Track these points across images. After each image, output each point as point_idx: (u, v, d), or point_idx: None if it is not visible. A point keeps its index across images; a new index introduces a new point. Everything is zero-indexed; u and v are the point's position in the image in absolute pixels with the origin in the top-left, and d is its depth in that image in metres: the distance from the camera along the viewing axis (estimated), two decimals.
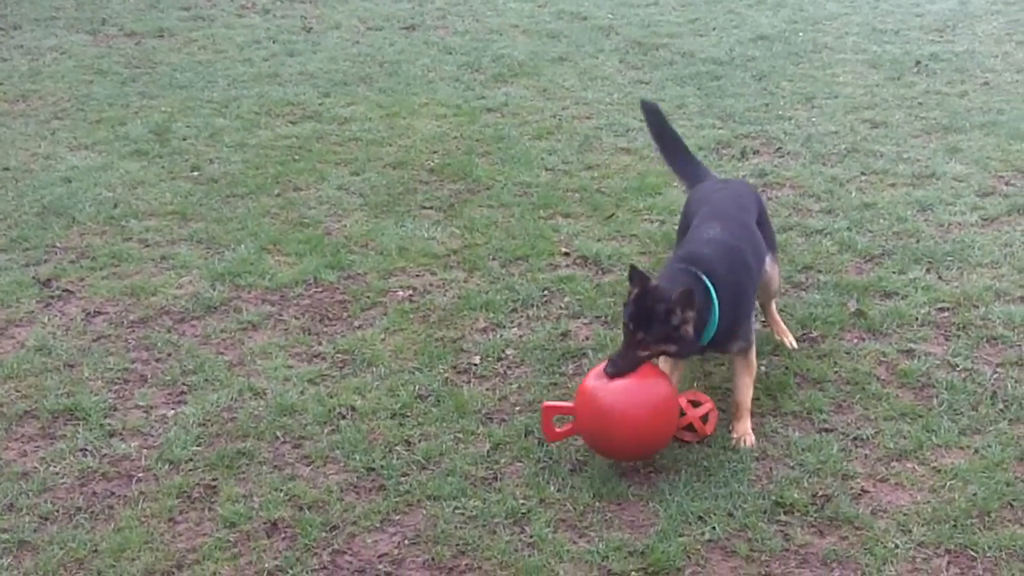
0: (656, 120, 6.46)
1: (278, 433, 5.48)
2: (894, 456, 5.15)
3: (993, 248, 7.03)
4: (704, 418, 5.23)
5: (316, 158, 9.05)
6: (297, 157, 9.09)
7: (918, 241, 7.17)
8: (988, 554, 4.51)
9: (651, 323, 4.94)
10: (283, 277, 7.03)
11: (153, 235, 7.71)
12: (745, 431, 5.31)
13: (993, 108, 9.64)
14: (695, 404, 5.25)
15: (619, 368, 4.97)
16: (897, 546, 4.58)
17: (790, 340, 6.07)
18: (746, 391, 5.35)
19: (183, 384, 5.94)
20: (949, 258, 6.91)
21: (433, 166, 8.84)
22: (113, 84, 10.89)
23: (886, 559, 4.51)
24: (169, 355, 6.22)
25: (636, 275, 5.03)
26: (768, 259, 5.79)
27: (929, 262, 6.89)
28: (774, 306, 6.17)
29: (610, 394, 4.97)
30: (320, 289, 6.92)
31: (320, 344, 6.29)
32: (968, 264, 6.84)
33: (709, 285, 5.09)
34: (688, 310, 4.94)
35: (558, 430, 5.14)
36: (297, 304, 6.75)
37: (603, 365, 5.05)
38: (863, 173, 8.36)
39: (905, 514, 4.76)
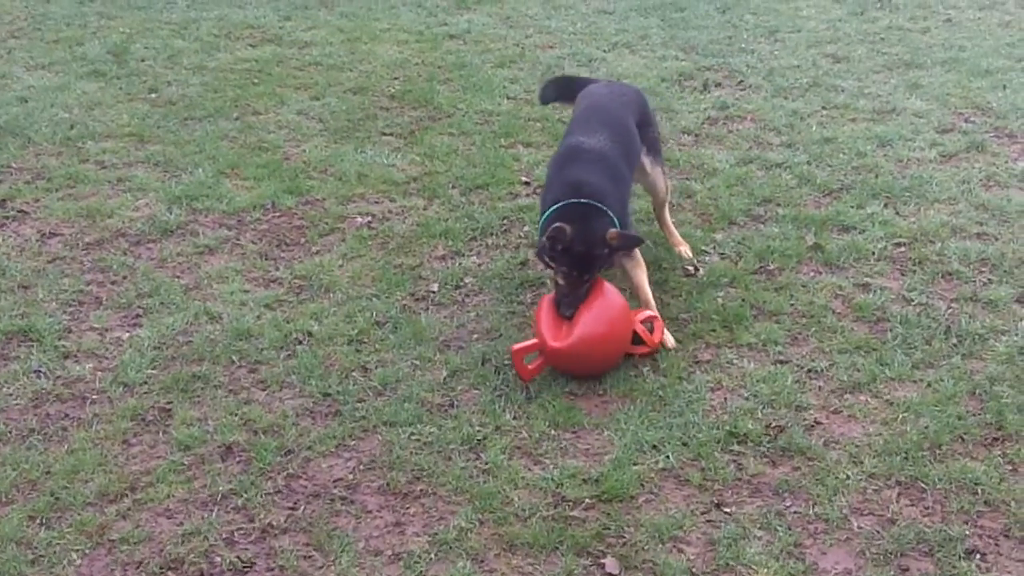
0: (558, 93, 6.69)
1: (234, 357, 5.43)
2: (847, 388, 5.15)
3: (951, 184, 7.02)
4: (649, 326, 5.26)
5: (276, 82, 8.92)
6: (256, 81, 8.95)
7: (877, 176, 7.16)
8: (938, 486, 4.52)
9: (592, 265, 5.19)
10: (240, 201, 6.94)
11: (110, 157, 7.59)
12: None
13: (955, 45, 9.61)
14: (645, 323, 5.28)
15: (574, 307, 5.16)
16: (848, 477, 4.59)
17: (686, 250, 6.22)
18: (645, 286, 5.54)
19: (138, 307, 5.86)
20: (907, 193, 6.90)
21: (394, 92, 8.73)
22: (71, 3, 10.67)
23: (837, 489, 4.52)
24: (125, 278, 6.13)
25: (558, 230, 5.16)
26: (648, 161, 6.01)
27: (887, 197, 6.87)
28: (667, 214, 6.31)
29: (580, 325, 5.13)
30: (278, 214, 6.83)
31: (277, 269, 6.22)
32: (926, 200, 6.83)
33: (610, 214, 5.27)
34: (624, 249, 5.34)
35: (530, 366, 5.13)
36: (254, 229, 6.67)
37: (552, 298, 5.23)
38: (824, 107, 8.33)
39: (857, 446, 4.77)
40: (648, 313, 5.40)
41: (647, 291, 5.55)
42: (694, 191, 7.02)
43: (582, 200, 5.27)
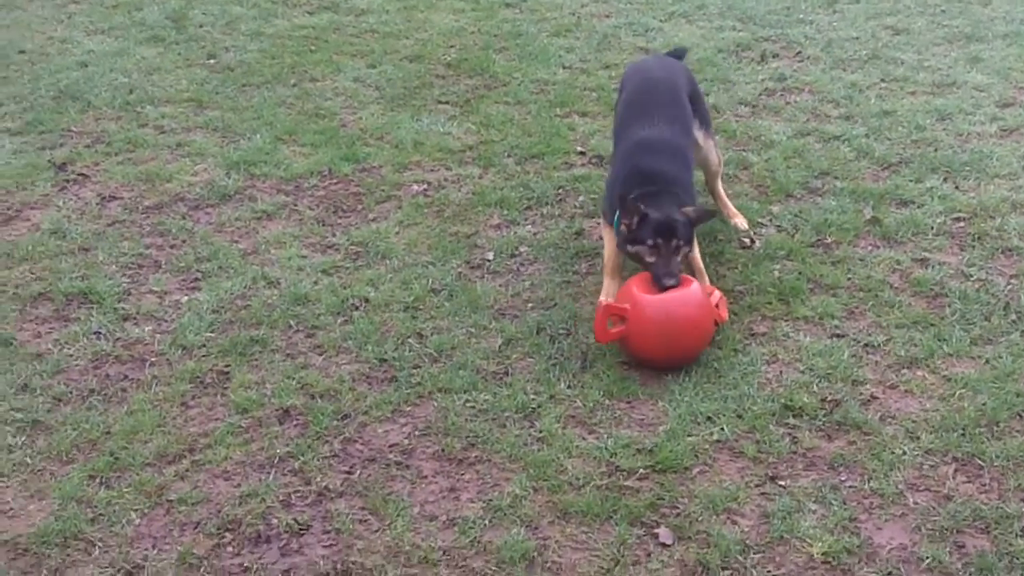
0: None
1: (291, 322, 5.46)
2: (904, 364, 5.11)
3: (1011, 159, 6.92)
4: (716, 305, 5.23)
5: (332, 49, 8.92)
6: (313, 48, 8.96)
7: (936, 150, 7.06)
8: (996, 463, 4.48)
9: (676, 230, 5.14)
10: (298, 168, 6.97)
11: (168, 122, 7.63)
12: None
13: (1016, 18, 9.45)
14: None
15: (676, 276, 5.10)
16: (904, 452, 4.56)
17: (741, 222, 6.19)
18: (699, 260, 5.53)
19: (197, 271, 5.90)
20: (967, 168, 6.81)
21: (450, 61, 8.70)
22: None
23: (893, 464, 4.49)
24: (183, 242, 6.18)
25: (634, 206, 5.18)
26: (701, 135, 5.97)
27: (946, 171, 6.79)
28: (720, 185, 6.28)
29: (675, 303, 5.06)
30: (335, 181, 6.85)
31: (334, 235, 6.24)
32: (985, 174, 6.74)
33: (681, 196, 5.31)
34: (700, 221, 5.35)
35: (611, 331, 5.09)
36: (312, 195, 6.69)
37: (644, 277, 5.16)
38: (883, 80, 8.22)
39: (914, 421, 4.73)
40: (708, 288, 5.34)
41: (700, 263, 5.51)
42: (751, 163, 6.96)
43: (667, 190, 5.30)
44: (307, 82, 8.30)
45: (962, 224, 6.22)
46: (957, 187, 6.62)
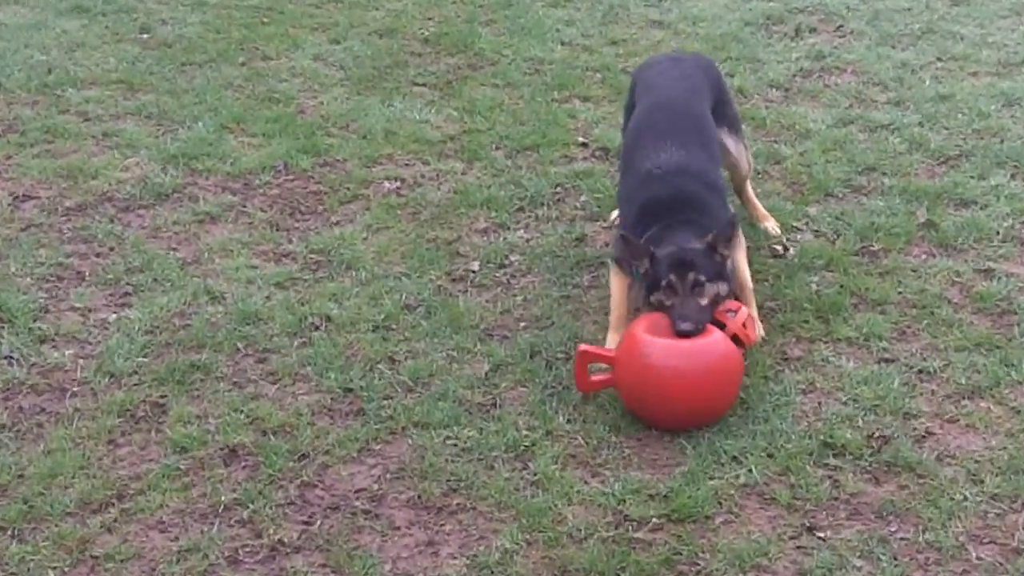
0: None
1: (239, 344, 5.46)
2: (965, 393, 5.12)
3: None
4: (744, 324, 5.22)
5: (288, 22, 8.94)
6: (266, 20, 8.98)
7: (1002, 141, 7.10)
8: None
9: (695, 263, 5.09)
10: (247, 162, 6.97)
11: (94, 107, 7.63)
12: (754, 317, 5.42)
13: None
14: (729, 313, 5.22)
15: (694, 320, 4.98)
16: (966, 498, 4.56)
17: (772, 225, 6.24)
18: (744, 268, 5.53)
19: (127, 284, 5.90)
20: None
21: (428, 35, 8.73)
22: None
23: (952, 513, 4.49)
24: (111, 249, 6.18)
25: (636, 245, 5.20)
26: (731, 141, 6.02)
27: (1015, 166, 6.82)
28: (749, 189, 6.33)
29: (668, 357, 4.96)
30: (291, 177, 6.86)
31: (290, 242, 6.25)
32: None
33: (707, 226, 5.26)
34: (727, 247, 5.22)
35: (593, 378, 5.10)
36: (264, 194, 6.70)
37: (653, 317, 5.10)
38: (939, 59, 8.26)
39: (977, 461, 4.74)
40: (733, 303, 5.33)
41: (744, 272, 5.52)
42: (783, 156, 6.98)
43: (668, 222, 5.30)
44: (258, 60, 8.32)
45: None
46: None
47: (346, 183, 6.79)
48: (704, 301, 5.09)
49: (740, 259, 5.54)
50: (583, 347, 5.10)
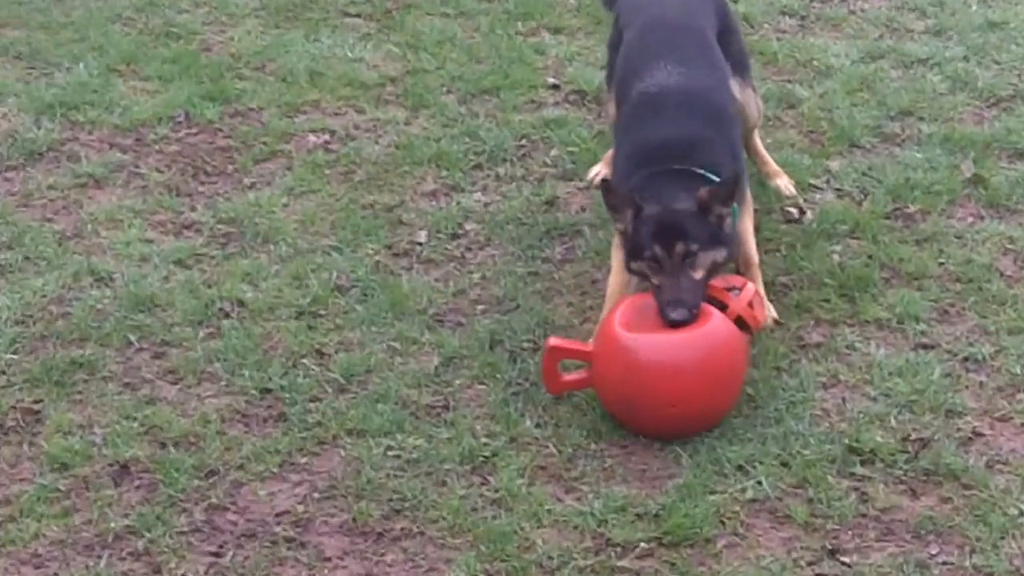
0: None
1: (131, 337, 5.45)
2: (1021, 385, 5.16)
3: None
4: (750, 304, 5.23)
5: None
6: None
7: None
8: None
9: (687, 232, 5.04)
10: (140, 112, 6.95)
11: None
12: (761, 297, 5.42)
13: None
14: (732, 291, 5.23)
15: (688, 304, 4.97)
16: (1022, 513, 4.58)
17: (785, 183, 6.26)
18: (750, 239, 5.53)
19: None
20: None
21: None
22: None
23: (1006, 530, 4.51)
24: None
25: (618, 194, 5.16)
26: (736, 83, 5.94)
27: None
28: (757, 140, 6.35)
29: (655, 351, 4.98)
30: (194, 131, 6.85)
31: (193, 210, 6.24)
32: None
33: (712, 178, 5.19)
34: (725, 204, 5.12)
35: (565, 378, 5.12)
36: (160, 151, 6.69)
37: (636, 301, 5.11)
38: None
39: None
40: (736, 279, 5.35)
41: (750, 243, 5.54)
42: (799, 99, 7.00)
43: (673, 168, 5.24)
44: None
45: None
46: None
47: (262, 137, 6.78)
48: (698, 275, 5.06)
49: (746, 226, 5.55)
50: (553, 341, 5.10)
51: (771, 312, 5.45)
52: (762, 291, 5.48)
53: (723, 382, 5.02)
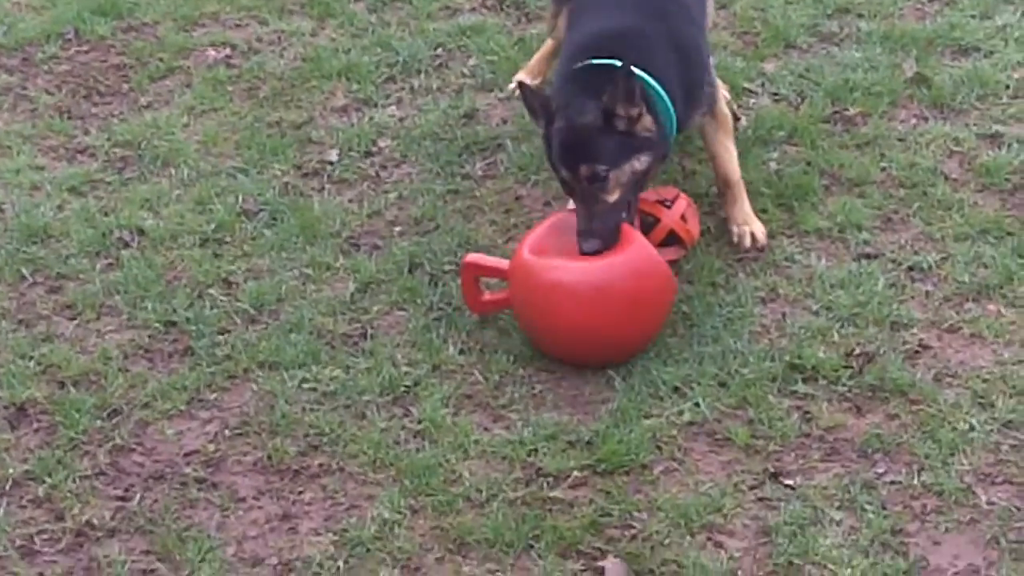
0: None
1: (24, 270, 5.42)
2: (969, 294, 5.20)
3: None
4: (683, 217, 5.25)
5: None
6: None
7: None
8: None
9: (598, 145, 4.99)
10: (25, 29, 6.90)
11: None
12: (747, 217, 5.48)
13: None
14: (664, 204, 5.25)
15: (600, 234, 4.94)
16: (972, 428, 4.63)
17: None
18: (731, 157, 5.53)
19: None
20: None
21: None
22: None
23: (955, 446, 4.56)
24: None
25: (534, 97, 5.16)
26: None
27: None
28: None
29: (565, 274, 4.98)
30: (85, 48, 6.80)
31: (87, 133, 6.21)
32: None
33: (642, 74, 5.11)
34: (630, 104, 5.00)
35: (487, 297, 5.13)
36: (49, 71, 6.64)
37: (556, 218, 5.12)
38: None
39: (985, 380, 4.82)
40: (668, 191, 5.39)
41: (731, 163, 5.52)
42: None
43: (598, 64, 5.15)
44: None
45: None
46: None
47: (158, 53, 6.73)
48: (612, 197, 5.00)
49: (722, 142, 5.54)
50: (470, 257, 5.11)
51: (760, 234, 5.46)
52: (749, 212, 5.50)
53: (643, 307, 4.99)
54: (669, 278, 5.00)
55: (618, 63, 5.00)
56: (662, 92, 5.13)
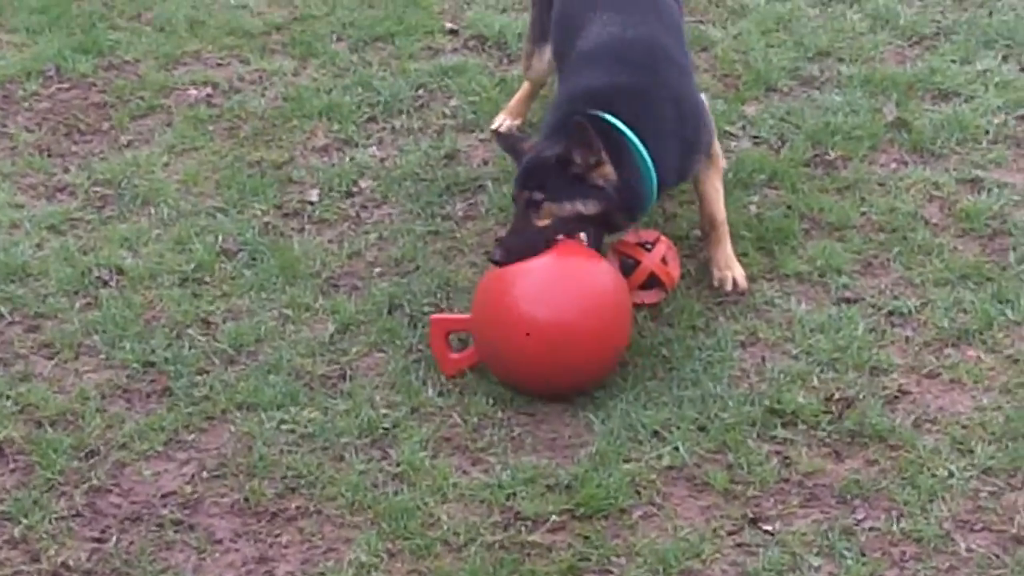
0: None
1: (2, 309, 5.40)
2: (949, 339, 5.20)
3: None
4: (664, 259, 5.26)
5: None
6: None
7: (991, 13, 7.18)
8: None
9: (544, 177, 5.10)
10: (6, 67, 6.90)
11: None
12: (729, 262, 5.48)
13: None
14: (645, 246, 5.26)
15: (509, 247, 5.05)
16: (951, 474, 4.63)
17: None
18: (718, 200, 5.54)
19: None
20: None
21: None
22: None
23: (935, 493, 4.56)
24: None
25: (508, 140, 5.39)
26: None
27: (1006, 45, 6.91)
28: None
29: (517, 296, 5.02)
30: (66, 85, 6.80)
31: (67, 171, 6.20)
32: None
33: (626, 130, 5.18)
34: (588, 151, 5.06)
35: (454, 356, 5.13)
36: (30, 109, 6.63)
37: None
38: None
39: (964, 426, 4.82)
40: (648, 233, 5.37)
41: (718, 204, 5.53)
42: (712, 41, 7.02)
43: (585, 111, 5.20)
44: None
45: None
46: (1023, 69, 6.74)
47: (139, 91, 6.73)
48: (541, 223, 5.09)
49: (712, 182, 5.56)
50: (434, 317, 5.15)
51: (740, 280, 5.47)
52: (731, 256, 5.50)
53: (579, 312, 4.98)
54: (619, 285, 5.09)
55: (610, 118, 5.13)
56: (643, 150, 5.16)
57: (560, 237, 5.08)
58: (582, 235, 5.12)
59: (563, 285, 5.03)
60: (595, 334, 4.99)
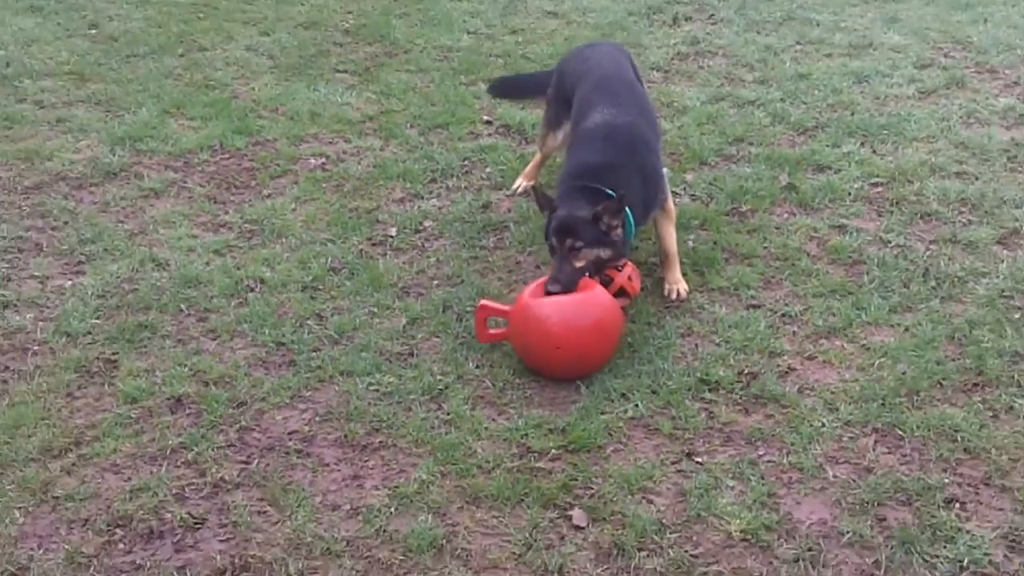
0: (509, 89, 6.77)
1: (182, 306, 5.39)
2: (823, 333, 5.18)
3: (930, 122, 7.04)
4: (630, 277, 5.25)
5: (222, 16, 8.80)
6: (202, 15, 8.84)
7: (853, 114, 7.17)
8: (916, 434, 4.55)
9: (577, 230, 5.03)
10: (187, 142, 6.89)
11: (48, 96, 7.49)
12: (677, 279, 5.47)
13: None
14: (616, 268, 5.25)
15: (562, 282, 4.97)
16: (823, 424, 4.62)
17: None
18: (671, 238, 5.52)
19: (81, 254, 5.80)
20: (884, 131, 6.92)
21: (348, 27, 8.64)
22: None
23: (812, 437, 4.54)
24: (66, 223, 6.07)
25: (542, 197, 5.20)
26: None
27: (864, 135, 6.89)
28: None
29: (552, 310, 4.92)
30: (226, 155, 6.78)
31: (226, 213, 6.18)
32: (904, 138, 6.85)
33: (611, 194, 5.12)
34: (615, 218, 5.05)
35: (491, 331, 5.09)
36: (202, 171, 6.62)
37: (541, 281, 5.05)
38: (798, 42, 8.31)
39: (832, 392, 4.80)
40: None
41: (672, 242, 5.49)
42: (664, 130, 6.99)
43: (588, 185, 5.17)
44: (196, 51, 8.19)
45: (880, 189, 6.32)
46: (875, 151, 6.72)
47: (276, 160, 6.72)
48: (578, 264, 5.04)
49: (668, 228, 5.51)
50: (483, 302, 5.09)
51: (681, 291, 5.44)
52: (679, 276, 5.47)
53: (593, 335, 4.92)
54: (617, 316, 5.00)
55: (609, 191, 5.10)
56: (628, 211, 5.14)
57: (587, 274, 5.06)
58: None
59: (584, 310, 4.92)
60: (603, 345, 4.95)
